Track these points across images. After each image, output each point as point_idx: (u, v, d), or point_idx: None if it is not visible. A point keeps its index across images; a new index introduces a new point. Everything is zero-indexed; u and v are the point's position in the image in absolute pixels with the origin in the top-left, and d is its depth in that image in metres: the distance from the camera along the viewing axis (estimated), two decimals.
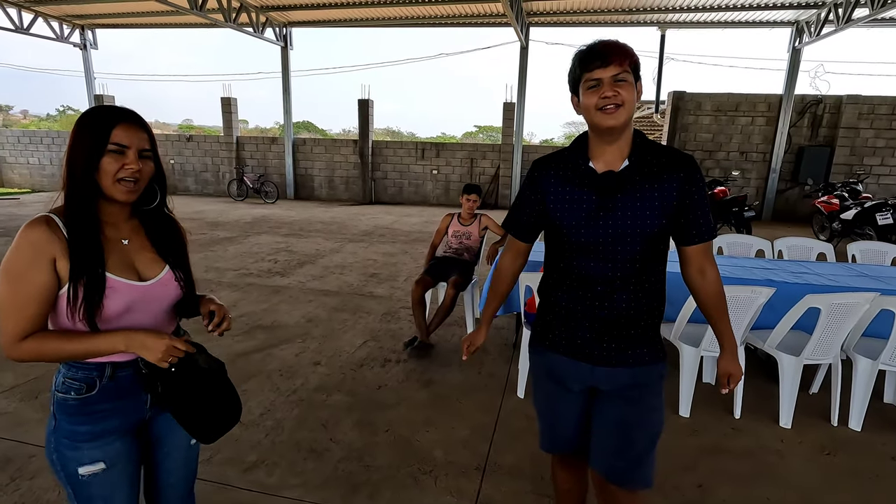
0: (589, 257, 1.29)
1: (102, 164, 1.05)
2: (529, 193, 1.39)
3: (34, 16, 12.39)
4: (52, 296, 1.05)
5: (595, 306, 1.31)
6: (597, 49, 1.20)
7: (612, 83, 1.18)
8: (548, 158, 1.40)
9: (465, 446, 2.39)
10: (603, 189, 1.27)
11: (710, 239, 1.31)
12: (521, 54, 11.96)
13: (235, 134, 13.65)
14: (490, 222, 3.96)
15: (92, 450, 1.12)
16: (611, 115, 1.20)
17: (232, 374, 3.25)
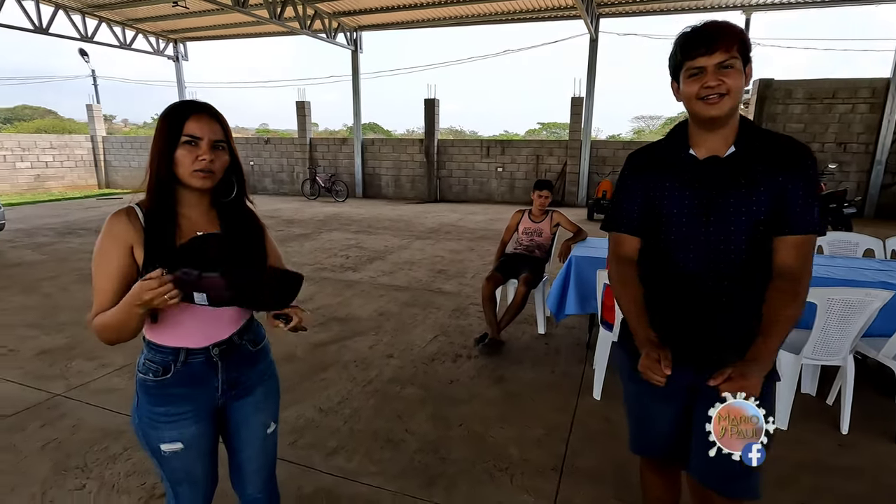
0: (689, 250, 1.22)
1: (178, 156, 1.10)
2: (631, 184, 1.32)
3: (135, 33, 13.68)
4: (129, 280, 1.10)
5: (696, 303, 1.23)
6: (701, 33, 1.11)
7: (716, 71, 1.10)
8: (644, 150, 1.33)
9: (540, 446, 2.34)
10: (706, 176, 1.19)
11: (808, 232, 1.15)
12: (591, 47, 11.58)
13: (309, 136, 14.31)
14: (562, 219, 3.86)
15: (170, 430, 1.19)
16: (713, 106, 1.12)
17: (310, 362, 3.40)
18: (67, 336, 3.67)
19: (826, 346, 2.38)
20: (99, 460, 2.22)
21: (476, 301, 4.52)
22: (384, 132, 35.33)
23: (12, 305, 4.38)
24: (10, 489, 2.03)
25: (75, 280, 5.21)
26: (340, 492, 2.02)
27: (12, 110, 36.26)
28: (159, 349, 1.18)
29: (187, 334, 1.18)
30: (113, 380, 2.99)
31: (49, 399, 2.76)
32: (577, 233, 3.79)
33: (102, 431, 2.44)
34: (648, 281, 1.32)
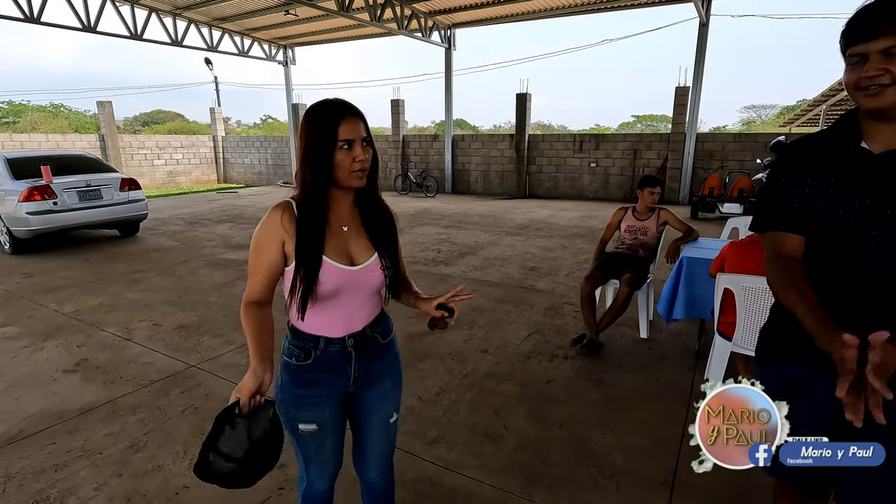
0: (854, 261, 1.06)
1: (336, 160, 1.16)
2: (788, 180, 1.17)
3: (252, 41, 14.98)
4: (278, 270, 1.22)
5: (861, 313, 1.07)
6: (864, 14, 0.98)
7: (880, 59, 0.96)
8: (802, 142, 1.19)
9: (646, 456, 2.22)
10: (881, 175, 1.03)
11: None
12: (700, 32, 10.69)
13: (402, 133, 14.78)
14: (671, 217, 3.62)
15: (308, 412, 1.28)
16: (874, 97, 0.99)
17: (409, 353, 3.50)
18: (198, 314, 4.12)
19: None
20: None
21: (571, 300, 4.40)
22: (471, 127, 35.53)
23: (154, 285, 5.01)
24: (159, 446, 2.33)
25: (202, 265, 5.84)
26: (442, 480, 2.07)
27: (150, 115, 41.57)
28: (302, 336, 1.28)
29: (328, 324, 1.26)
30: (236, 356, 3.31)
31: (186, 369, 3.12)
32: (687, 232, 3.53)
33: None
34: None
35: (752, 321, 2.38)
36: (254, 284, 1.23)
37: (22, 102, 29.25)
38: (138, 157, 16.30)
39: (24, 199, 6.17)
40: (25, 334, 3.74)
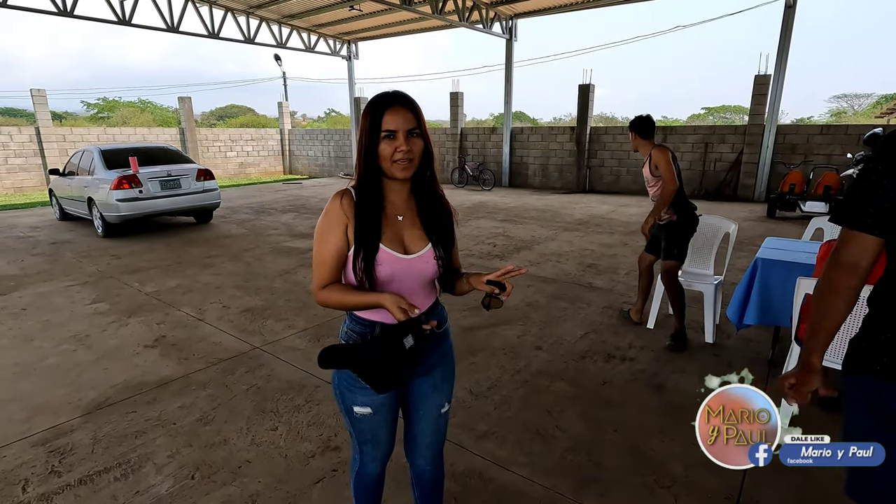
0: None
1: (380, 151, 1.19)
2: (884, 170, 1.04)
3: (318, 37, 15.48)
4: (344, 255, 1.25)
5: None
6: None
7: None
8: None
9: (709, 468, 2.05)
10: None
11: None
12: (785, 14, 9.84)
13: (460, 126, 14.76)
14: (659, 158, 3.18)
15: (362, 396, 1.31)
16: None
17: (461, 345, 3.51)
18: (262, 299, 4.35)
19: None
20: (287, 408, 2.58)
21: (630, 299, 4.22)
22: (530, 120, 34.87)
23: (224, 270, 5.34)
24: (224, 421, 2.48)
25: (268, 252, 6.15)
26: (491, 475, 2.06)
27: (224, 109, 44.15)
28: (360, 321, 1.31)
29: (384, 312, 1.28)
30: (296, 340, 3.46)
31: (250, 350, 3.30)
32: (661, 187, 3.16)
33: (289, 383, 2.84)
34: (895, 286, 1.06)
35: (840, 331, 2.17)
36: (322, 273, 1.26)
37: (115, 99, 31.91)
38: (213, 149, 17.37)
39: (114, 188, 6.76)
40: (114, 310, 4.10)
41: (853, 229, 1.09)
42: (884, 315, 1.10)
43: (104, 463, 2.16)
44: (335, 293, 1.24)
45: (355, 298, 1.22)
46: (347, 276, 1.29)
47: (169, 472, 2.10)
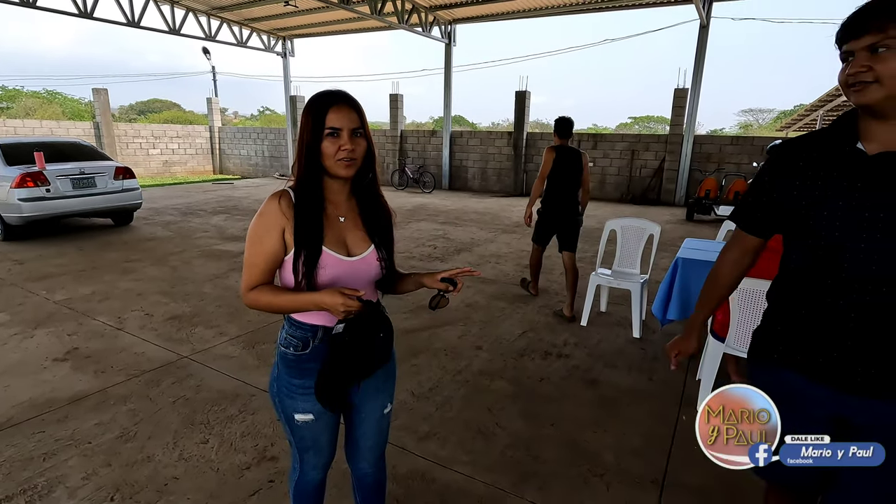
0: (843, 259, 1.06)
1: (323, 148, 1.16)
2: (770, 179, 1.19)
3: (251, 31, 14.86)
4: (278, 258, 1.21)
5: (849, 320, 1.06)
6: (853, 16, 0.99)
7: (865, 56, 0.97)
8: (794, 142, 1.19)
9: (638, 455, 2.22)
10: (875, 176, 1.03)
11: None
12: (700, 34, 10.69)
13: (400, 128, 14.72)
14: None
15: (304, 402, 1.28)
16: (858, 93, 1.00)
17: (403, 347, 3.49)
18: (191, 305, 4.10)
19: None
20: (219, 419, 2.45)
21: (565, 298, 4.39)
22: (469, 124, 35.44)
23: (147, 275, 4.98)
24: (148, 437, 2.31)
25: (197, 256, 5.81)
26: (434, 476, 2.07)
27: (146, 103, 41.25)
28: (300, 325, 1.26)
29: (325, 314, 1.25)
30: (228, 347, 3.29)
31: (178, 360, 3.10)
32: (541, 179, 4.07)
33: (221, 393, 2.70)
34: (789, 283, 1.19)
35: (746, 323, 2.39)
36: (253, 275, 1.21)
37: (16, 88, 28.91)
38: (133, 145, 16.15)
39: (16, 186, 6.09)
40: (16, 322, 3.70)
41: (742, 230, 1.25)
42: (778, 309, 1.22)
43: (5, 490, 1.95)
44: (265, 294, 1.19)
45: (288, 300, 1.18)
46: (284, 280, 1.25)
47: (84, 495, 1.93)
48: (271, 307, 1.20)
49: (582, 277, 4.13)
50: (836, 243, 1.07)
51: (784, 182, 1.16)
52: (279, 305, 1.19)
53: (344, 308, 1.10)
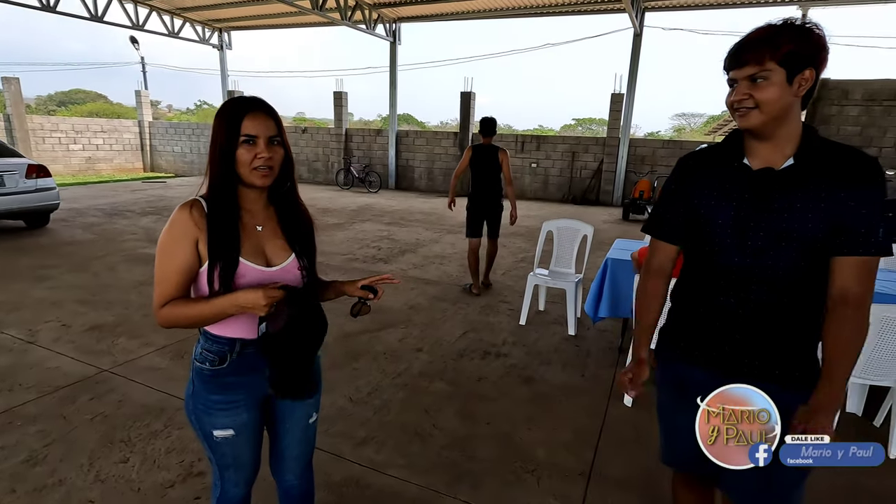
0: (733, 261, 1.17)
1: (238, 155, 1.13)
2: (676, 189, 1.29)
3: (183, 21, 14.10)
4: (192, 271, 1.15)
5: (738, 317, 1.18)
6: (737, 46, 1.10)
7: (747, 84, 1.08)
8: (696, 154, 1.29)
9: (568, 450, 2.32)
10: (758, 188, 1.14)
11: (872, 254, 1.07)
12: (634, 42, 11.24)
13: (345, 126, 14.48)
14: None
15: (223, 417, 1.24)
16: (742, 117, 1.11)
17: (342, 352, 3.44)
18: (114, 314, 3.85)
19: (877, 366, 2.27)
20: (142, 436, 2.33)
21: (506, 298, 4.51)
22: (418, 124, 35.38)
23: (64, 282, 4.62)
24: (60, 459, 2.15)
25: (122, 260, 5.45)
26: (368, 481, 2.06)
27: (67, 94, 38.10)
28: (216, 339, 1.22)
29: (242, 326, 1.22)
30: (155, 359, 3.12)
31: (97, 374, 2.91)
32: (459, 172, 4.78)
33: (145, 408, 2.56)
34: (688, 284, 1.30)
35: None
36: (164, 291, 1.14)
37: None
38: (51, 140, 14.89)
39: None
40: None
41: (657, 239, 1.33)
42: (679, 308, 1.32)
43: None
44: (178, 307, 1.13)
45: (203, 308, 1.12)
46: (199, 293, 1.20)
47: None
48: (187, 319, 1.13)
49: (521, 277, 4.25)
50: (727, 245, 1.18)
51: (687, 191, 1.25)
52: (195, 316, 1.13)
53: (266, 300, 1.07)
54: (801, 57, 1.04)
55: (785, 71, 1.05)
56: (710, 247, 1.21)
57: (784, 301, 1.15)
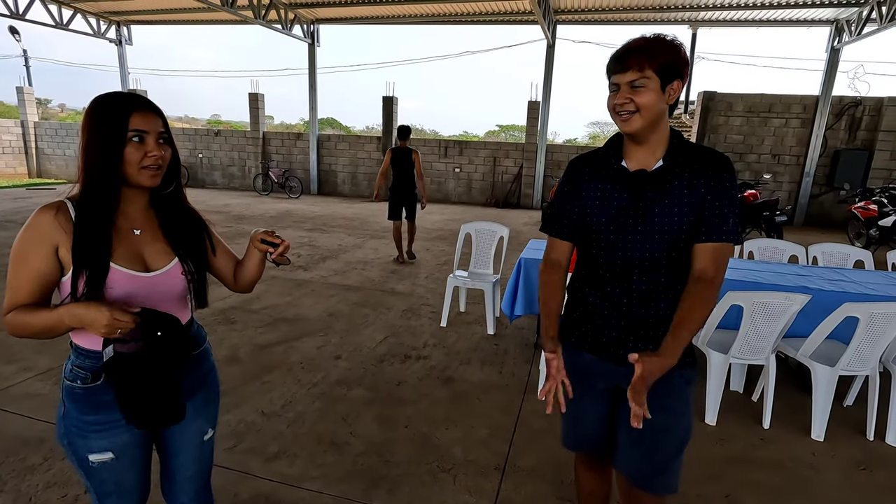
0: (616, 255, 1.27)
1: (126, 154, 1.05)
2: (567, 190, 1.37)
3: (73, 12, 12.81)
4: (49, 281, 1.05)
5: (622, 305, 1.28)
6: (619, 52, 1.18)
7: (628, 89, 1.17)
8: (583, 157, 1.38)
9: (484, 446, 2.37)
10: (634, 188, 1.25)
11: (724, 241, 1.20)
12: (548, 53, 11.83)
13: (262, 129, 13.87)
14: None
15: (100, 440, 1.13)
16: (625, 122, 1.20)
17: (254, 365, 3.29)
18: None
19: (751, 347, 2.54)
20: (15, 471, 2.06)
21: (429, 301, 4.53)
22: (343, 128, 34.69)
23: None
24: None
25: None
26: (279, 497, 1.97)
27: None
28: (88, 354, 1.11)
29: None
30: (35, 384, 2.79)
31: None
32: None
33: (20, 440, 2.27)
34: (580, 277, 1.38)
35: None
36: (14, 299, 1.04)
37: None
38: None
39: None
40: None
41: (552, 236, 1.40)
42: (573, 300, 1.41)
43: None
44: (21, 315, 1.02)
45: (44, 318, 1.01)
46: None
47: None
48: (30, 328, 1.03)
49: (442, 281, 4.29)
50: (611, 241, 1.27)
51: (576, 192, 1.33)
52: (38, 325, 1.02)
53: (108, 322, 0.95)
54: (672, 69, 1.15)
55: (660, 80, 1.15)
56: (595, 242, 1.31)
57: (659, 288, 1.26)
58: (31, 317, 1.02)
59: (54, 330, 1.03)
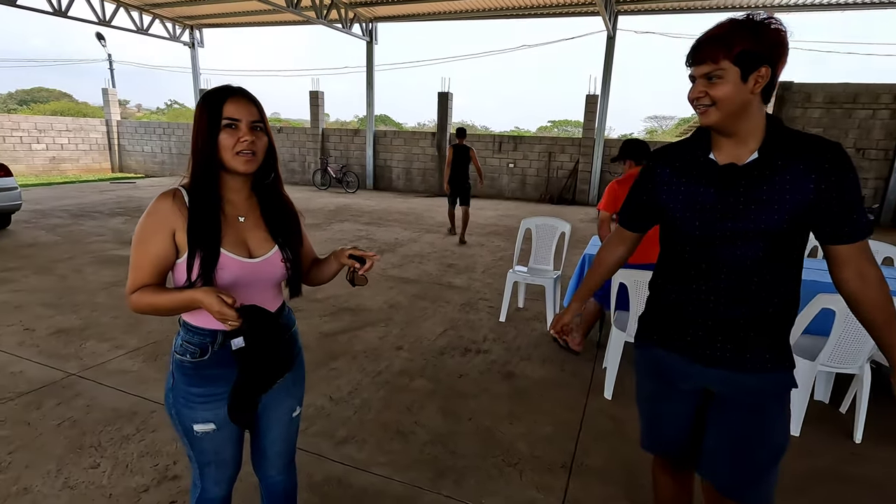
0: (704, 253, 1.20)
1: (220, 140, 1.11)
2: (642, 183, 1.34)
3: (152, 18, 13.73)
4: (167, 262, 1.14)
5: (710, 304, 1.21)
6: (695, 45, 1.12)
7: (704, 82, 1.11)
8: (664, 149, 1.32)
9: (549, 443, 2.34)
10: (724, 183, 1.16)
11: (866, 237, 1.13)
12: (608, 44, 11.45)
13: (321, 126, 14.32)
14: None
15: (205, 411, 1.21)
16: (702, 115, 1.14)
17: (321, 352, 3.41)
18: (81, 317, 3.71)
19: (843, 354, 2.36)
20: (113, 440, 2.25)
21: (486, 296, 4.52)
22: (395, 124, 35.24)
23: (28, 285, 4.44)
24: (26, 466, 2.06)
25: (90, 262, 5.27)
26: (351, 480, 2.03)
27: (28, 92, 36.67)
28: (197, 331, 1.19)
29: None
30: (126, 362, 3.02)
31: (64, 378, 2.80)
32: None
33: (116, 412, 2.47)
34: (663, 274, 1.33)
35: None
36: (137, 279, 1.13)
37: None
38: (12, 139, 14.31)
39: None
40: None
41: (620, 226, 1.39)
42: (657, 295, 1.35)
43: None
44: (146, 295, 1.12)
45: (167, 299, 1.10)
46: (177, 283, 1.17)
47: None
48: (153, 308, 1.12)
49: (500, 276, 4.27)
50: (697, 237, 1.20)
51: (656, 185, 1.28)
52: (160, 305, 1.11)
53: (219, 313, 1.04)
54: (755, 55, 1.05)
55: (739, 69, 1.06)
56: (680, 237, 1.24)
57: (752, 288, 1.17)
58: (155, 297, 1.11)
59: (178, 309, 1.12)
